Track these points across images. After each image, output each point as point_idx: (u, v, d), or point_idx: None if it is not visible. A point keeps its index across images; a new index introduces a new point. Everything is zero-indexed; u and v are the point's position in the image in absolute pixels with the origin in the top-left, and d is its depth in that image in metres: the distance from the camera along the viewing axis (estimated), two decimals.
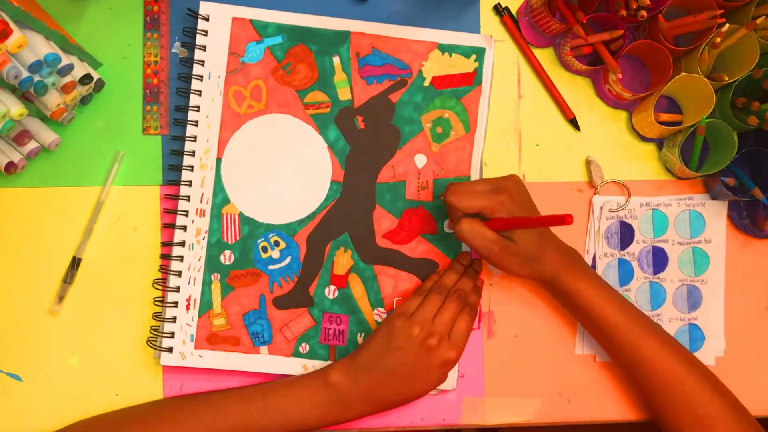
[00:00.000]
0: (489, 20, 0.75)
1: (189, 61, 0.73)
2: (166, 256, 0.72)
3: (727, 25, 0.67)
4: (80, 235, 0.73)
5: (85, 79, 0.68)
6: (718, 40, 0.68)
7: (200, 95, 0.72)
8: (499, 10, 0.75)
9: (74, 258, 0.72)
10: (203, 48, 0.72)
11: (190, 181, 0.72)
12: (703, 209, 0.75)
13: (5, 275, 0.73)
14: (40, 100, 0.66)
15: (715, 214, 0.75)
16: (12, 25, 0.58)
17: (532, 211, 0.68)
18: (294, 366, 0.72)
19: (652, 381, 0.67)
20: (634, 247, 0.74)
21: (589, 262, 0.74)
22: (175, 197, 0.72)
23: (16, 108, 0.64)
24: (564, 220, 0.59)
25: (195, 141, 0.72)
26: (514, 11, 0.75)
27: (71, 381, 0.72)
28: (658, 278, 0.74)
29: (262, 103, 0.73)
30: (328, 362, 0.72)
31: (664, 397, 0.67)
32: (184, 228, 0.72)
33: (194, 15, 0.73)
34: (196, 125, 0.72)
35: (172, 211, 0.72)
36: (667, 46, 0.69)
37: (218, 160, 0.72)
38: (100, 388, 0.72)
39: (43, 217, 0.73)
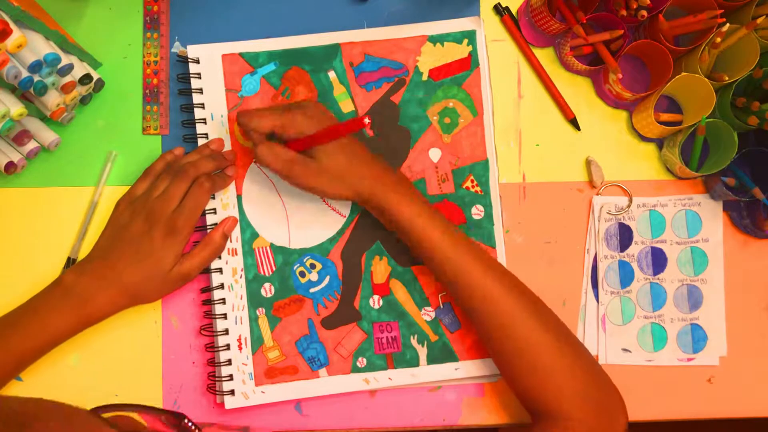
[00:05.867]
0: (489, 20, 0.75)
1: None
2: (208, 302, 0.72)
3: (728, 24, 0.67)
4: (75, 236, 0.73)
5: (85, 79, 0.68)
6: (719, 40, 0.68)
7: (207, 138, 0.72)
8: (499, 10, 0.75)
9: (69, 259, 0.72)
10: (200, 91, 0.73)
11: (216, 224, 0.72)
12: (699, 208, 0.75)
13: (5, 275, 0.73)
14: (39, 100, 0.66)
15: (712, 213, 0.75)
16: (12, 25, 0.58)
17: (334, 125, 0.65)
18: (356, 382, 0.71)
19: (475, 306, 0.65)
20: (633, 249, 0.74)
21: (590, 263, 0.74)
22: None
23: (16, 108, 0.64)
24: (358, 123, 0.56)
25: None
26: (514, 11, 0.75)
27: (70, 381, 0.72)
28: (658, 279, 0.74)
29: None
30: (388, 371, 0.72)
31: (490, 324, 0.64)
32: (220, 270, 0.72)
33: (185, 60, 0.73)
34: None
35: None
36: (668, 46, 0.69)
37: (239, 197, 0.72)
38: (100, 388, 0.72)
39: (43, 217, 0.73)
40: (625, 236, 0.74)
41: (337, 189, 0.65)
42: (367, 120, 0.59)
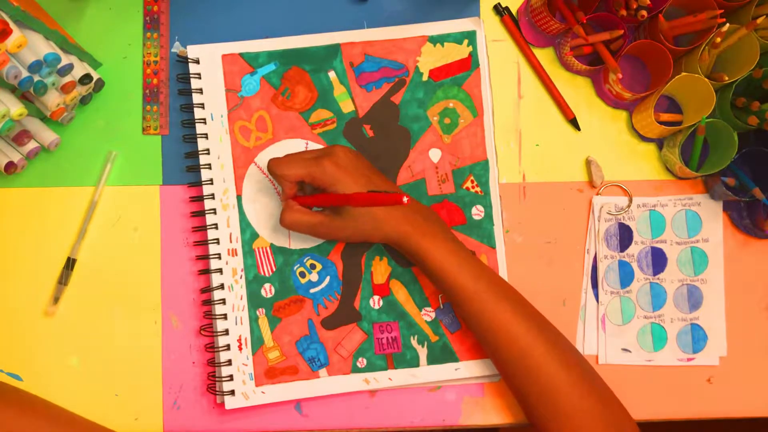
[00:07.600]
0: (489, 20, 0.75)
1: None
2: (208, 302, 0.72)
3: (728, 24, 0.67)
4: (75, 236, 0.73)
5: (85, 79, 0.68)
6: (719, 39, 0.68)
7: (207, 138, 0.72)
8: (499, 10, 0.75)
9: (69, 259, 0.72)
10: (200, 91, 0.73)
11: (216, 224, 0.72)
12: (699, 208, 0.75)
13: (6, 275, 0.73)
14: (39, 100, 0.66)
15: (712, 213, 0.75)
16: (12, 25, 0.58)
17: (366, 178, 0.65)
18: (356, 382, 0.71)
19: (501, 349, 0.65)
20: (633, 249, 0.74)
21: (590, 263, 0.74)
22: (204, 242, 0.72)
23: (15, 108, 0.64)
24: (397, 200, 0.53)
25: (212, 184, 0.72)
26: (514, 11, 0.75)
27: (71, 381, 0.72)
28: (658, 279, 0.74)
29: (269, 132, 0.73)
30: (388, 371, 0.72)
31: (514, 367, 0.65)
32: (220, 271, 0.72)
33: (185, 60, 0.73)
34: (210, 168, 0.72)
35: (205, 257, 0.72)
36: (668, 46, 0.69)
37: (238, 197, 0.72)
38: (100, 388, 0.72)
39: (43, 218, 0.73)
40: (625, 236, 0.74)
41: (366, 237, 0.67)
42: (405, 199, 0.58)
